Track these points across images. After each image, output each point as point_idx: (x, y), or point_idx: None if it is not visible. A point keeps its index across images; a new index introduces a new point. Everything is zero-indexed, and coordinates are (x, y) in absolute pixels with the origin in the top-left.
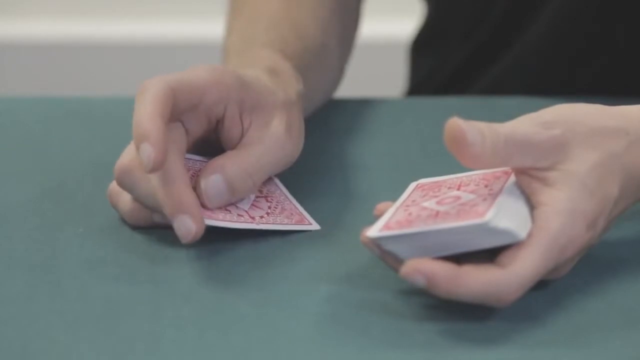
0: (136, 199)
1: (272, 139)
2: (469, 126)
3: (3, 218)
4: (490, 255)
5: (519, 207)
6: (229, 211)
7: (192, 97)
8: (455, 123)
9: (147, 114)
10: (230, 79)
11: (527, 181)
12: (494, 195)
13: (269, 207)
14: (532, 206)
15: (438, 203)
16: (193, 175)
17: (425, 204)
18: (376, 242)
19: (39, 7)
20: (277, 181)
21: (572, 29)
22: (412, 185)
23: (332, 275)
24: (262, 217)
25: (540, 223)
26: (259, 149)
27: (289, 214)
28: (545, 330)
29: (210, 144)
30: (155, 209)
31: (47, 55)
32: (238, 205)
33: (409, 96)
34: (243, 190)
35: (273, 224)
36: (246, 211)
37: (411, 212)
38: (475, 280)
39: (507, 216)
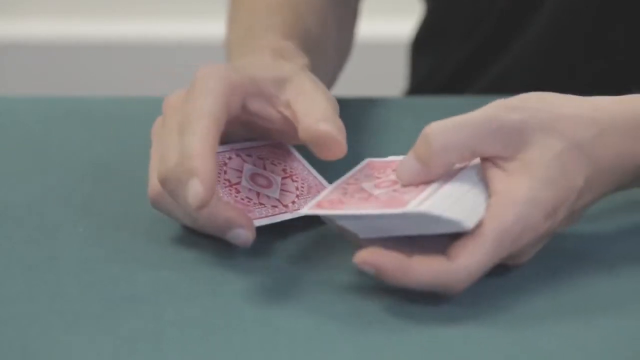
0: (172, 217)
1: (318, 86)
2: (440, 128)
3: (3, 218)
4: (451, 238)
5: (470, 196)
6: (263, 204)
7: (226, 115)
8: (430, 131)
9: (199, 148)
10: (243, 78)
11: (487, 168)
12: (439, 183)
13: (297, 189)
14: (489, 194)
15: (376, 186)
16: (219, 171)
17: (364, 185)
18: (326, 217)
19: (39, 7)
20: (298, 154)
21: (571, 28)
22: (364, 162)
23: (333, 274)
24: (293, 202)
25: (492, 213)
26: (318, 95)
27: (316, 192)
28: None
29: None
30: (190, 224)
31: (47, 55)
32: (269, 194)
33: (409, 96)
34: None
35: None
36: (278, 200)
37: (347, 191)
38: (423, 273)
39: (447, 204)
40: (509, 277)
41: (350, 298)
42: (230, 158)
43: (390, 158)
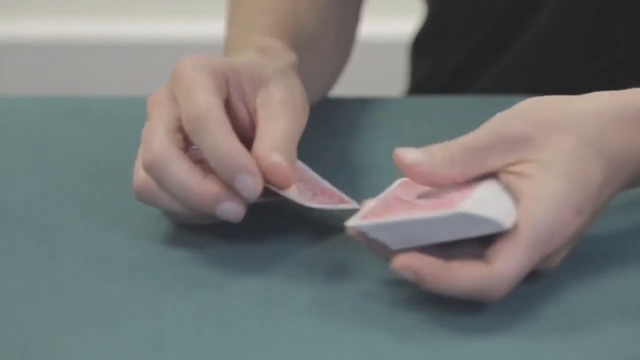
0: (159, 208)
1: (287, 107)
2: (409, 149)
3: (3, 218)
4: (484, 244)
5: (502, 197)
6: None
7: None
8: (395, 151)
9: (233, 148)
10: (222, 67)
11: (504, 178)
12: (473, 187)
13: (310, 190)
14: (514, 200)
15: (418, 197)
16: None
17: (405, 198)
18: (360, 231)
19: (39, 7)
20: (305, 166)
21: (572, 28)
22: (397, 182)
23: (333, 274)
24: (312, 197)
25: (524, 214)
26: (280, 121)
27: (329, 195)
28: (542, 325)
29: None
30: (178, 215)
31: (47, 55)
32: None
33: (409, 95)
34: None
35: (325, 204)
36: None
37: (390, 204)
38: (462, 278)
39: (486, 205)
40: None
41: (351, 298)
42: None
43: None
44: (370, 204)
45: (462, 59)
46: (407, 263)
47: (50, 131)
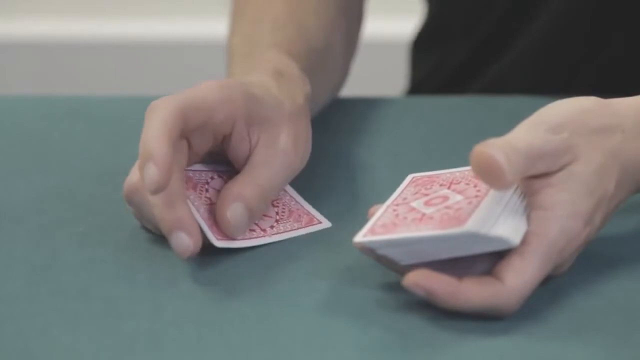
0: (141, 217)
1: (281, 158)
2: (498, 153)
3: (3, 218)
4: (496, 255)
5: (513, 207)
6: None
7: (201, 116)
8: (486, 153)
9: (154, 134)
10: (238, 95)
11: (529, 182)
12: (480, 197)
13: (277, 213)
14: (528, 206)
15: (426, 204)
16: (194, 187)
17: (414, 204)
18: (367, 247)
19: (39, 7)
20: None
21: (572, 27)
22: (408, 178)
23: (333, 274)
24: (272, 226)
25: (537, 229)
26: (270, 170)
27: (297, 217)
28: (546, 327)
29: (213, 156)
30: (157, 230)
31: (47, 54)
32: None
33: (410, 95)
34: (261, 212)
35: (284, 232)
36: (256, 224)
37: (398, 213)
38: (475, 296)
39: (494, 220)
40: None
41: (351, 298)
42: (212, 178)
43: (434, 172)
44: (378, 212)
45: (462, 59)
46: (418, 281)
47: (50, 131)
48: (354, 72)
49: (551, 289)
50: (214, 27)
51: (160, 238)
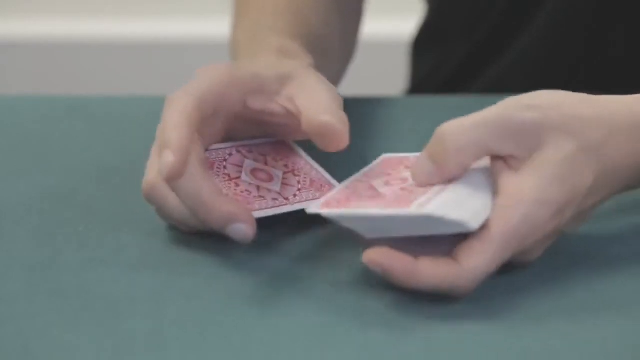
0: (163, 214)
1: (323, 84)
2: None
3: (3, 218)
4: (459, 238)
5: (475, 195)
6: (263, 197)
7: (215, 103)
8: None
9: (173, 123)
10: (245, 74)
11: (497, 166)
12: (445, 182)
13: (299, 182)
14: (495, 192)
15: (385, 183)
16: (211, 166)
17: (374, 183)
18: (325, 217)
19: (39, 7)
20: (301, 151)
21: (571, 27)
22: (380, 158)
23: (333, 274)
24: (295, 195)
25: (499, 213)
26: (324, 94)
27: (318, 186)
28: (546, 327)
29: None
30: (183, 222)
31: (48, 54)
32: (269, 187)
33: (410, 95)
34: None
35: (306, 201)
36: (279, 192)
37: (357, 189)
38: (430, 276)
39: (452, 205)
40: (515, 276)
41: (351, 298)
42: (230, 154)
43: (406, 154)
44: (339, 186)
45: (462, 59)
46: (376, 259)
47: (51, 131)
48: (355, 71)
49: (551, 288)
50: (214, 27)
51: (160, 238)
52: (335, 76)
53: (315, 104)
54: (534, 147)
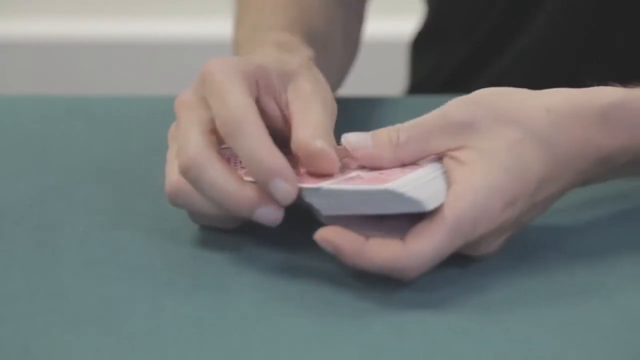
0: (192, 215)
1: (323, 93)
2: (355, 133)
3: (3, 218)
4: (414, 221)
5: (438, 181)
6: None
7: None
8: (343, 135)
9: (269, 151)
10: (250, 67)
11: (445, 162)
12: (416, 168)
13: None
14: (448, 184)
15: (360, 168)
16: (227, 162)
17: (351, 165)
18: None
19: (39, 7)
20: None
21: (571, 27)
22: None
23: (333, 274)
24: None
25: (449, 199)
26: (317, 112)
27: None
28: (546, 327)
29: None
30: (216, 217)
31: (47, 54)
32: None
33: (409, 95)
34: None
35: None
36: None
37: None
38: (377, 256)
39: (417, 186)
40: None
41: (351, 297)
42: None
43: None
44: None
45: (462, 59)
46: (328, 237)
47: (51, 130)
48: (354, 71)
49: (550, 288)
50: (214, 27)
51: (160, 238)
52: (337, 72)
53: (308, 120)
54: (469, 137)
